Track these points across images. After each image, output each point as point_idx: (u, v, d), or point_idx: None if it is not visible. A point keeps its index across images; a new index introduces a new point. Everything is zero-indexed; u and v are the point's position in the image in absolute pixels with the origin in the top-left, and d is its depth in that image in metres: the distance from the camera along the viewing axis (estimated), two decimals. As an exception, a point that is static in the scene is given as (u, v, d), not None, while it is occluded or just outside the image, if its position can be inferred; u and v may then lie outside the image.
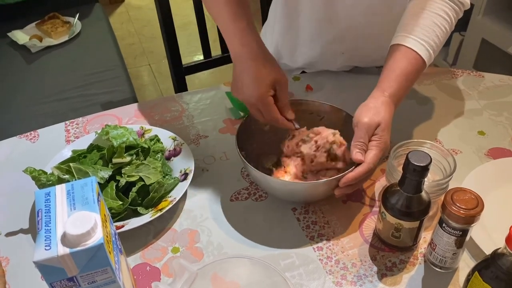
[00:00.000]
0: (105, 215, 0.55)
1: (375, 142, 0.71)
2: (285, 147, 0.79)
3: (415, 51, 0.76)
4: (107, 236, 0.52)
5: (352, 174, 0.69)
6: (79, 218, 0.49)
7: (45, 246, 0.47)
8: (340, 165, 0.76)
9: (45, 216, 0.50)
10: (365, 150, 0.71)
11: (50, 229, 0.49)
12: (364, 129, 0.71)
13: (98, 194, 0.54)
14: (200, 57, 1.36)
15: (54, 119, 1.39)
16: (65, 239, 0.48)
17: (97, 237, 0.49)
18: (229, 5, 0.76)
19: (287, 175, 0.76)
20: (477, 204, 0.60)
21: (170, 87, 1.40)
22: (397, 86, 0.76)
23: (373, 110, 0.73)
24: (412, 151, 0.62)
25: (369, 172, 0.71)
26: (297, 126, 0.79)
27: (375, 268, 0.68)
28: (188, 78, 1.35)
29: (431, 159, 0.61)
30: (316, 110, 0.84)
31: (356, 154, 0.71)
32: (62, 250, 0.47)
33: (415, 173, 0.61)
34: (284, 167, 0.77)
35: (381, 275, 0.68)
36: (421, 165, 0.61)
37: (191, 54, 2.50)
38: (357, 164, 0.70)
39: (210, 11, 0.80)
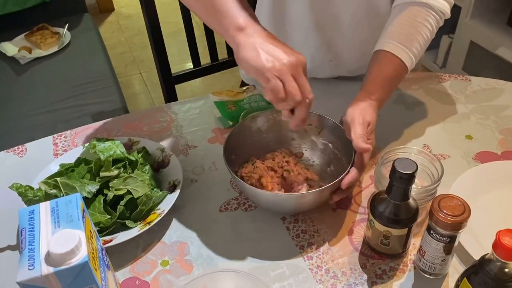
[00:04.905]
0: (90, 231, 0.54)
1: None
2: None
3: (399, 58, 0.78)
4: (92, 253, 0.52)
5: (351, 175, 0.70)
6: (63, 236, 0.48)
7: (29, 265, 0.47)
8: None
9: (28, 235, 0.50)
10: (366, 142, 0.72)
11: (34, 248, 0.48)
12: (361, 124, 0.73)
13: (83, 211, 0.54)
14: (191, 64, 1.36)
15: (44, 131, 1.39)
16: (49, 258, 0.47)
17: (82, 255, 0.48)
18: None
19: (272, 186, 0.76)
20: (464, 211, 0.60)
21: (162, 95, 1.40)
22: (382, 91, 0.79)
23: (363, 111, 0.75)
24: (398, 159, 0.62)
25: (362, 173, 0.72)
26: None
27: (365, 276, 0.68)
28: (180, 86, 1.35)
29: (417, 166, 0.61)
30: (316, 122, 0.83)
31: (362, 144, 0.71)
32: (46, 269, 0.47)
33: (401, 180, 0.62)
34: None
35: (371, 283, 0.68)
36: (407, 172, 0.61)
37: (182, 62, 2.50)
38: (349, 169, 0.71)
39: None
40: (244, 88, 1.05)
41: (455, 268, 0.69)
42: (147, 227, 0.71)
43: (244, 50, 0.65)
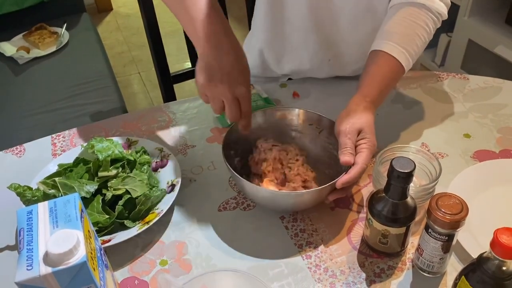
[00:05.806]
0: (89, 231, 0.54)
1: (364, 145, 0.73)
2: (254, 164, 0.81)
3: (396, 59, 0.78)
4: (91, 253, 0.52)
5: (348, 176, 0.70)
6: (61, 236, 0.48)
7: (27, 266, 0.47)
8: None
9: (27, 235, 0.50)
10: (352, 154, 0.72)
11: (32, 249, 0.48)
12: (346, 136, 0.73)
13: (82, 211, 0.54)
14: (189, 64, 1.36)
15: (43, 131, 1.39)
16: (48, 258, 0.47)
17: (80, 254, 0.48)
18: None
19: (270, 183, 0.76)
20: (462, 209, 0.61)
21: (160, 95, 1.40)
22: (378, 92, 0.78)
23: (353, 118, 0.74)
24: (396, 158, 0.62)
25: (362, 174, 0.72)
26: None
27: (363, 275, 0.69)
28: (178, 85, 1.35)
29: (415, 165, 0.61)
30: (316, 122, 0.83)
31: (344, 157, 0.71)
32: (44, 269, 0.47)
33: (399, 179, 0.62)
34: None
35: (370, 282, 0.68)
36: (405, 171, 0.61)
37: (181, 61, 2.49)
38: (348, 168, 0.71)
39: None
40: (243, 87, 1.05)
41: (453, 267, 0.69)
42: (146, 226, 0.72)
43: (205, 58, 0.71)
